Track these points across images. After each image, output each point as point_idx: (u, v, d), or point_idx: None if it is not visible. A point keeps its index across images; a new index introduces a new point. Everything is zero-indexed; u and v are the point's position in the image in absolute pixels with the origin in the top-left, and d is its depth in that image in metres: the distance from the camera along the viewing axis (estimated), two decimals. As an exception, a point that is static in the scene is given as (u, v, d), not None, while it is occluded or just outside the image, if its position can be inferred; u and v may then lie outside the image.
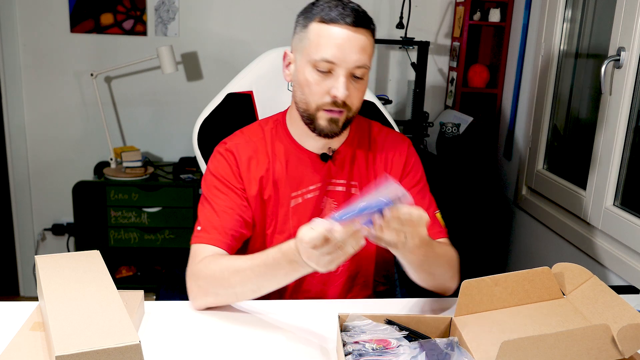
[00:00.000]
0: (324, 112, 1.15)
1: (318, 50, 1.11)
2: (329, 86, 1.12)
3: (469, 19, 2.67)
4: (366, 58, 1.12)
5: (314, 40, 1.12)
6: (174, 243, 2.67)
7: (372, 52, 1.16)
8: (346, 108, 1.15)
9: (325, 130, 1.17)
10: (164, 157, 2.95)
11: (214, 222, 1.18)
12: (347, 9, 1.10)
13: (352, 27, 1.10)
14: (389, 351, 0.93)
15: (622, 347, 0.85)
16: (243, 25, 2.80)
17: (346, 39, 1.10)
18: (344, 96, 1.11)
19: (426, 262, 1.11)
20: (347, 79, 1.12)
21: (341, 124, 1.17)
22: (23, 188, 2.87)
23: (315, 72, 1.12)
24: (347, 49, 1.10)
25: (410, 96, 2.82)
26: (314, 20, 1.12)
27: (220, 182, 1.22)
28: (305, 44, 1.14)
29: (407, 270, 1.15)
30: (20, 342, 0.95)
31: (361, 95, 1.17)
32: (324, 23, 1.11)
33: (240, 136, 1.28)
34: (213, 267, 1.11)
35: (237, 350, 1.03)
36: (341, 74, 1.11)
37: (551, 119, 2.32)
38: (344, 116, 1.16)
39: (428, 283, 1.18)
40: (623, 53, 1.74)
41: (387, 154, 1.30)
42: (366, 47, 1.12)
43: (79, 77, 2.77)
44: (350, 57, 1.10)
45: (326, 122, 1.15)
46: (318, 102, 1.14)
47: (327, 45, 1.10)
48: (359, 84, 1.15)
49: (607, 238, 1.84)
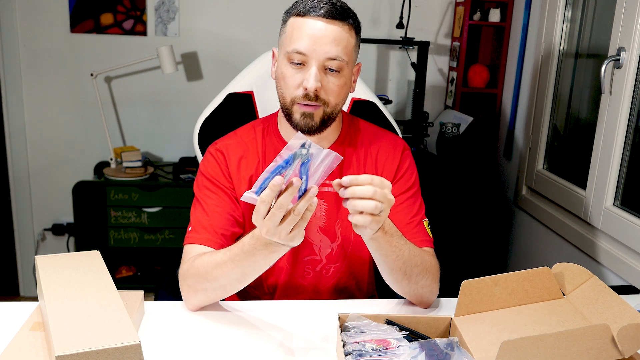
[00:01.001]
0: (298, 106, 1.14)
1: (291, 42, 1.12)
2: (302, 78, 1.12)
3: (469, 19, 2.67)
4: (339, 50, 1.11)
5: (289, 33, 1.13)
6: (174, 243, 2.67)
7: (351, 46, 1.14)
8: (321, 102, 1.14)
9: (300, 125, 1.15)
10: (164, 157, 2.95)
11: (203, 222, 1.19)
12: (322, 2, 1.11)
13: (324, 19, 1.10)
14: (389, 351, 0.93)
15: (622, 347, 0.85)
16: (243, 25, 2.80)
17: (317, 30, 1.10)
18: (314, 87, 1.10)
19: (400, 258, 1.08)
20: (320, 71, 1.11)
21: (318, 120, 1.15)
22: (23, 188, 2.87)
23: (290, 66, 1.13)
24: (318, 40, 1.10)
25: (410, 96, 2.83)
26: (292, 15, 1.14)
27: (210, 182, 1.23)
28: (282, 39, 1.16)
29: (383, 272, 1.13)
30: (20, 342, 0.95)
31: (338, 90, 1.15)
32: (299, 16, 1.12)
33: (232, 137, 1.28)
34: (197, 264, 1.12)
35: (236, 350, 1.03)
36: (312, 64, 1.11)
37: (551, 119, 2.32)
38: (320, 111, 1.14)
39: (405, 289, 1.15)
40: (623, 53, 1.74)
41: (379, 157, 1.28)
42: (340, 39, 1.11)
43: (79, 77, 2.77)
44: (322, 48, 1.10)
45: (300, 115, 1.15)
46: (292, 95, 1.14)
47: (300, 37, 1.11)
48: (336, 78, 1.13)
49: (607, 238, 1.84)
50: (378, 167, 1.27)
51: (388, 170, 1.27)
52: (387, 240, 1.05)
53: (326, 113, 1.16)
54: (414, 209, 1.25)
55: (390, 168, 1.27)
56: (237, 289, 1.12)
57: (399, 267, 1.10)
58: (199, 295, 1.13)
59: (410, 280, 1.13)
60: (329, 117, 1.17)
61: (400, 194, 1.25)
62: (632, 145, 1.78)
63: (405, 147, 1.31)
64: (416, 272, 1.12)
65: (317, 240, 1.26)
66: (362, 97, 1.50)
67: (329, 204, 1.25)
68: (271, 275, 1.29)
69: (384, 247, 1.06)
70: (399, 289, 1.17)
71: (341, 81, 1.14)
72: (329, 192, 1.25)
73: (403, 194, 1.26)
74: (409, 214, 1.23)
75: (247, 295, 1.32)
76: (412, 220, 1.23)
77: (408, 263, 1.10)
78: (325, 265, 1.28)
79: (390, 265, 1.10)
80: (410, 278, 1.13)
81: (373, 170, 1.27)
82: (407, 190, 1.27)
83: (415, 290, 1.16)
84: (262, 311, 1.17)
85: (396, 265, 1.10)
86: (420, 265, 1.13)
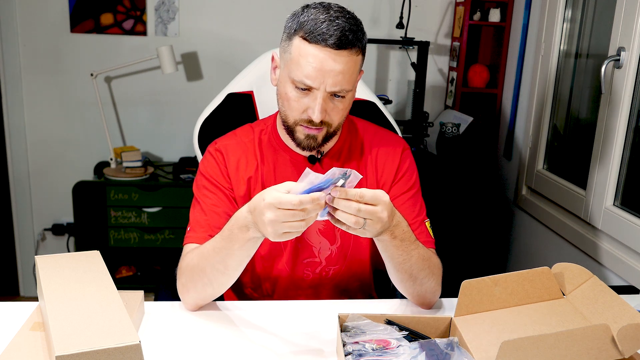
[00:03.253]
0: (302, 127, 1.15)
1: (297, 70, 1.09)
2: (307, 105, 1.11)
3: (469, 19, 2.67)
4: (346, 82, 1.09)
5: (295, 58, 1.09)
6: (174, 243, 2.67)
7: (357, 70, 1.13)
8: (325, 125, 1.14)
9: (303, 144, 1.17)
10: (164, 157, 2.95)
11: (201, 222, 1.19)
12: (332, 27, 1.06)
13: (333, 50, 1.06)
14: (389, 351, 0.93)
15: (622, 347, 0.85)
16: (243, 25, 2.80)
17: (325, 62, 1.07)
18: (319, 119, 1.11)
19: (407, 261, 1.08)
20: (325, 100, 1.10)
21: (320, 139, 1.16)
22: (23, 188, 2.87)
23: (294, 90, 1.11)
24: (325, 73, 1.07)
25: (410, 96, 2.82)
26: (298, 34, 1.09)
27: (209, 181, 1.23)
28: (287, 58, 1.12)
29: (389, 270, 1.13)
30: (20, 342, 0.95)
31: (343, 112, 1.15)
32: (306, 41, 1.07)
33: (231, 137, 1.28)
34: (187, 260, 1.12)
35: (236, 350, 1.03)
36: (319, 96, 1.09)
37: (551, 119, 2.32)
38: (323, 132, 1.15)
39: (409, 289, 1.16)
40: (623, 53, 1.74)
41: (380, 157, 1.27)
42: (347, 70, 1.09)
43: (79, 77, 2.77)
44: (328, 81, 1.08)
45: (304, 136, 1.16)
46: (296, 117, 1.14)
47: (306, 66, 1.07)
48: (341, 102, 1.13)
49: (607, 238, 1.84)
50: (378, 167, 1.27)
51: (388, 170, 1.27)
52: (395, 245, 1.05)
53: (329, 132, 1.17)
54: (415, 209, 1.25)
55: (391, 168, 1.27)
56: (222, 283, 1.11)
57: (406, 269, 1.10)
58: (191, 292, 1.14)
59: (415, 282, 1.13)
60: (331, 135, 1.18)
61: (401, 194, 1.25)
62: (632, 145, 1.78)
63: (406, 147, 1.31)
64: (422, 275, 1.12)
65: (317, 242, 1.26)
66: (362, 97, 1.50)
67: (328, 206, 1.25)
68: (271, 277, 1.28)
69: (390, 250, 1.07)
70: (402, 288, 1.17)
71: (345, 104, 1.15)
72: None
73: (404, 195, 1.25)
74: (410, 214, 1.23)
75: (246, 298, 1.32)
76: (413, 221, 1.22)
77: (415, 266, 1.10)
78: (325, 267, 1.27)
79: (396, 266, 1.11)
80: (416, 280, 1.13)
81: (373, 170, 1.27)
82: (407, 190, 1.26)
83: (419, 291, 1.16)
84: (262, 311, 1.17)
85: (402, 267, 1.10)
86: (427, 269, 1.13)
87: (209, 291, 1.13)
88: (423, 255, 1.11)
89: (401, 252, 1.07)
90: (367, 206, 0.95)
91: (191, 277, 1.11)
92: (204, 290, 1.12)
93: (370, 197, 0.95)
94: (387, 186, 1.26)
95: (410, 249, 1.07)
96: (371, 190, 0.96)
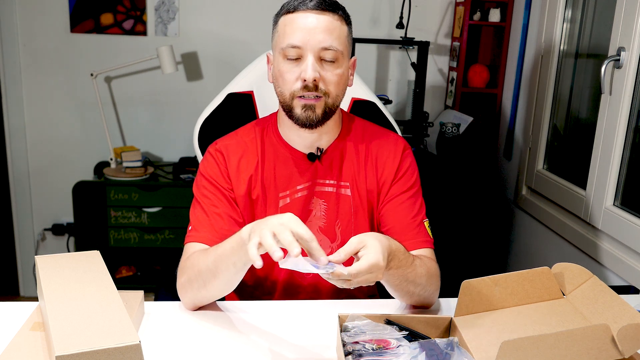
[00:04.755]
0: (299, 100, 1.15)
1: (285, 39, 1.13)
2: (299, 72, 1.13)
3: (469, 19, 2.67)
4: (333, 39, 1.12)
5: (281, 31, 1.15)
6: (174, 243, 2.67)
7: (344, 36, 1.15)
8: (322, 93, 1.14)
9: (302, 119, 1.15)
10: (164, 157, 2.95)
11: (203, 222, 1.19)
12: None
13: (314, 11, 1.12)
14: (389, 351, 0.93)
15: (622, 347, 0.85)
16: (243, 25, 2.80)
17: (309, 22, 1.12)
18: (312, 77, 1.11)
19: (404, 284, 1.09)
20: (316, 61, 1.12)
21: (320, 112, 1.15)
22: (23, 188, 2.87)
23: (286, 62, 1.14)
24: (311, 31, 1.11)
25: (410, 96, 2.82)
26: (282, 14, 1.16)
27: (209, 182, 1.23)
28: (276, 38, 1.17)
29: (387, 288, 1.14)
30: (20, 342, 0.95)
31: (337, 80, 1.15)
32: (289, 13, 1.14)
33: (232, 137, 1.28)
34: (193, 260, 1.12)
35: (236, 350, 1.03)
36: (308, 55, 1.12)
37: (551, 119, 2.32)
38: (321, 103, 1.15)
39: (407, 301, 1.17)
40: (623, 53, 1.74)
41: (380, 156, 1.27)
42: (332, 29, 1.13)
43: (79, 77, 2.77)
44: (315, 37, 1.11)
45: (301, 109, 1.15)
46: (291, 89, 1.14)
47: (292, 32, 1.12)
48: (333, 68, 1.14)
49: (607, 238, 1.84)
50: (378, 167, 1.27)
51: (388, 170, 1.27)
52: (391, 274, 1.05)
53: (327, 105, 1.16)
54: (414, 209, 1.25)
55: (391, 168, 1.27)
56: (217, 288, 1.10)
57: (402, 288, 1.11)
58: (188, 292, 1.14)
59: (412, 296, 1.14)
60: (331, 109, 1.17)
61: (401, 193, 1.25)
62: (632, 145, 1.78)
63: (406, 147, 1.30)
64: (419, 289, 1.13)
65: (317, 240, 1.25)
66: (362, 97, 1.50)
67: (329, 204, 1.25)
68: (271, 275, 1.28)
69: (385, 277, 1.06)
70: (400, 300, 1.18)
71: (339, 71, 1.15)
72: (329, 192, 1.25)
73: (403, 194, 1.25)
74: (409, 214, 1.23)
75: (246, 296, 1.32)
76: (412, 220, 1.23)
77: (412, 284, 1.10)
78: None
79: (393, 288, 1.11)
80: (413, 294, 1.14)
81: (373, 169, 1.27)
82: (407, 190, 1.26)
83: (417, 300, 1.17)
84: (262, 311, 1.17)
85: (399, 287, 1.10)
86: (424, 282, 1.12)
87: (204, 293, 1.13)
88: (420, 273, 1.11)
89: (397, 277, 1.07)
90: (364, 276, 0.94)
91: (189, 277, 1.12)
92: (199, 292, 1.12)
93: (366, 270, 0.93)
94: (387, 185, 1.26)
95: (407, 272, 1.07)
96: (365, 264, 0.93)
